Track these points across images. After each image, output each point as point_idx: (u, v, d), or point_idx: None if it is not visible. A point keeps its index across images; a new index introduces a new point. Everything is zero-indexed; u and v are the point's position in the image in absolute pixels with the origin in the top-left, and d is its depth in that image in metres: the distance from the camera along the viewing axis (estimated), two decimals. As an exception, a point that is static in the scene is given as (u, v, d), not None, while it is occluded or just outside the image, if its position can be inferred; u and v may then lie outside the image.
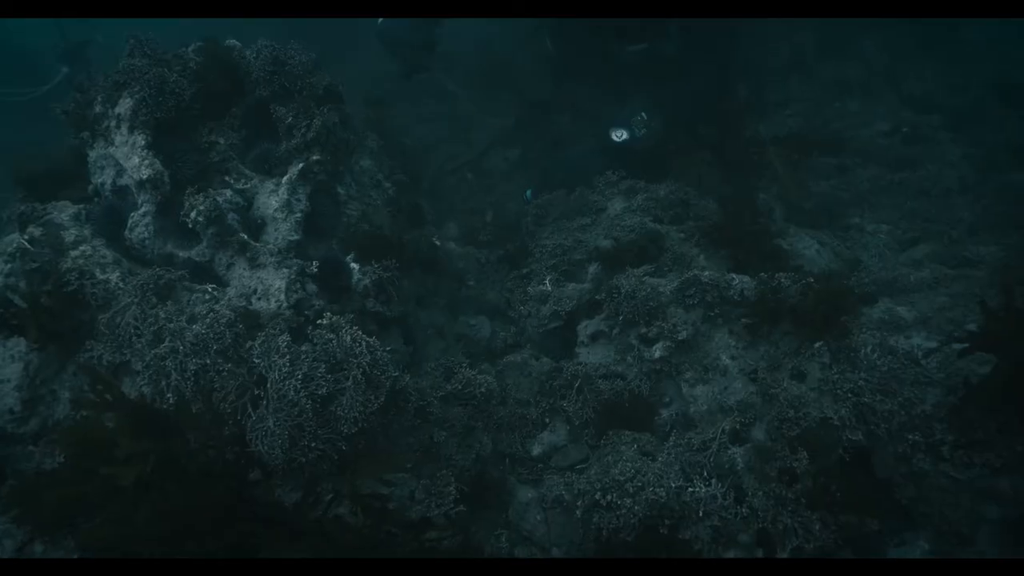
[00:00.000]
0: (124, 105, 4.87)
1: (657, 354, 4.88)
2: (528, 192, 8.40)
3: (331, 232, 5.50)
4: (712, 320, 4.79)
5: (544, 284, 6.15)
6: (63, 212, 4.97)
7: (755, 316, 4.51)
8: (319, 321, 4.19)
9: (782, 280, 4.50)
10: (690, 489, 4.00)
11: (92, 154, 5.14)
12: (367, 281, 5.12)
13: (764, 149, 7.62)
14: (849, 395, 3.88)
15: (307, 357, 3.81)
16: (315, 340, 3.99)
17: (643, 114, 7.81)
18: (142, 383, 3.78)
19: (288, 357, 3.76)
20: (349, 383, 3.84)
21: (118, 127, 4.89)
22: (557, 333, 5.88)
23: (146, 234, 4.79)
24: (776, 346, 4.36)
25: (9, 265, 4.55)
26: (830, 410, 3.89)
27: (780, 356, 4.29)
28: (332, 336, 4.01)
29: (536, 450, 4.97)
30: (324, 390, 3.74)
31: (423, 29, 8.55)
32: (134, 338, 4.05)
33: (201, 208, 4.54)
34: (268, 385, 3.73)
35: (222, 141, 5.20)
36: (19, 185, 5.30)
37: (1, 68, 13.63)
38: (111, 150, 4.93)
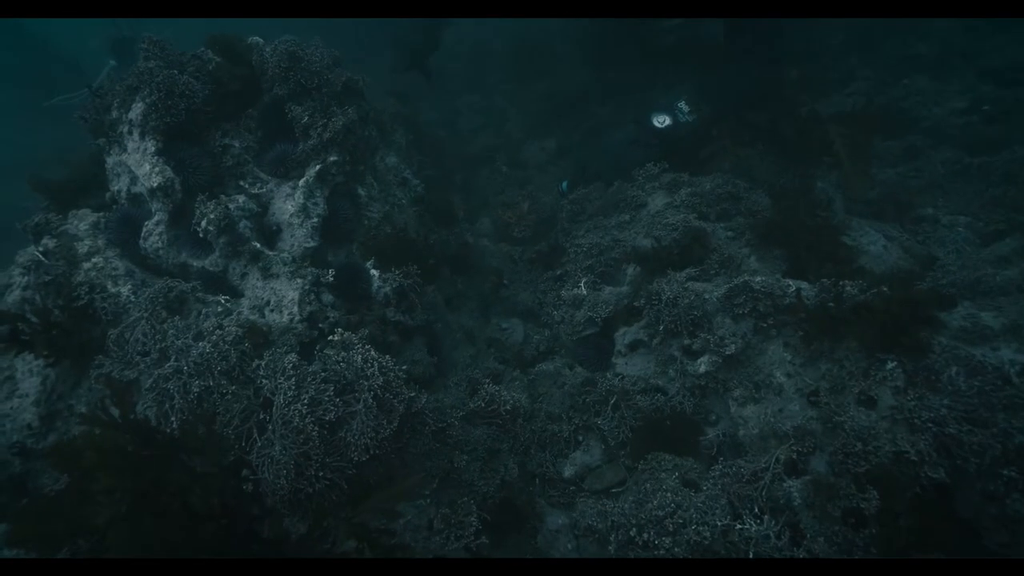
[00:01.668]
0: (136, 110, 4.69)
1: (702, 369, 4.41)
2: (563, 184, 7.99)
3: (351, 236, 5.23)
4: (764, 332, 4.28)
5: (579, 287, 5.74)
6: (83, 221, 4.86)
7: (815, 329, 3.98)
8: (330, 338, 3.92)
9: (847, 287, 3.94)
10: (739, 526, 3.55)
11: (109, 161, 5.01)
12: (387, 289, 4.83)
13: (824, 128, 6.89)
14: (929, 425, 3.33)
15: (314, 379, 3.53)
16: (324, 360, 3.72)
17: (685, 100, 7.24)
18: (146, 405, 3.59)
19: (294, 379, 3.49)
20: (360, 407, 3.55)
21: (130, 133, 4.73)
22: (592, 340, 5.46)
23: (160, 244, 4.62)
24: (840, 365, 3.82)
25: (25, 278, 4.47)
26: (905, 443, 3.35)
27: (844, 377, 3.75)
28: (343, 355, 3.73)
29: (568, 471, 4.59)
30: (332, 415, 3.46)
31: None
32: (140, 356, 3.87)
33: (211, 217, 4.32)
34: (273, 410, 3.47)
35: (237, 144, 4.98)
36: (40, 193, 5.22)
37: (53, 76, 14.02)
38: (124, 157, 4.77)
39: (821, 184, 6.78)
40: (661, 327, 4.71)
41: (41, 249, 4.44)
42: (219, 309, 4.33)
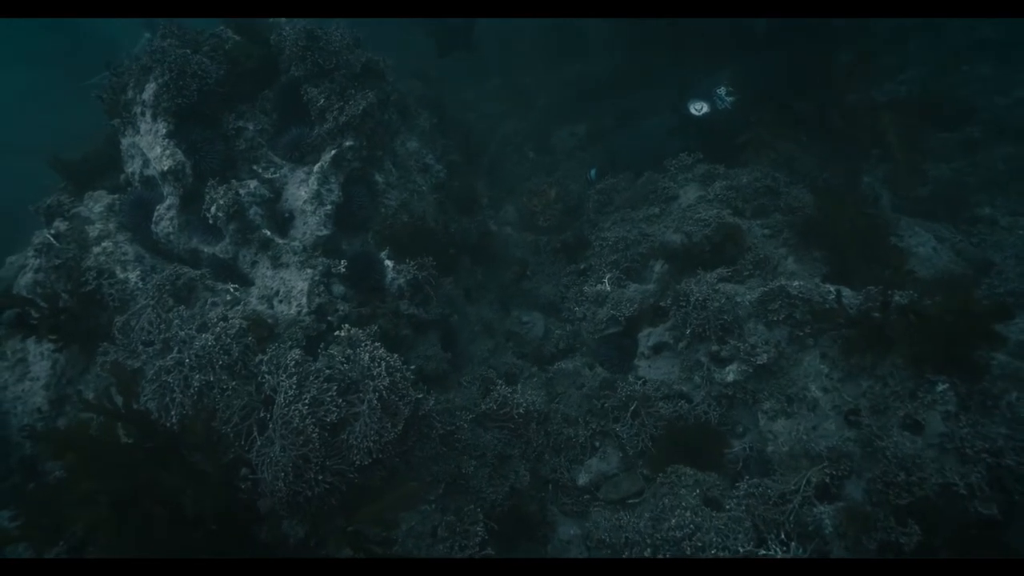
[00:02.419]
0: (149, 90, 4.57)
1: (730, 377, 4.13)
2: (592, 171, 7.67)
3: (366, 224, 5.05)
4: (800, 341, 3.96)
5: (603, 283, 5.47)
6: (98, 203, 4.78)
7: (857, 341, 3.65)
8: (336, 333, 3.76)
9: (897, 297, 3.59)
10: (762, 552, 3.30)
11: (124, 142, 4.92)
12: (402, 281, 4.65)
13: (876, 116, 6.39)
14: (984, 456, 3.00)
15: (317, 377, 3.38)
16: (329, 357, 3.56)
17: (725, 86, 6.82)
18: (146, 398, 3.49)
19: (296, 377, 3.34)
20: (364, 408, 3.39)
21: (143, 114, 4.61)
22: (615, 340, 5.20)
23: (171, 228, 4.51)
24: (883, 382, 3.49)
25: (37, 260, 4.42)
26: (954, 474, 3.03)
27: (888, 396, 3.42)
28: (348, 352, 3.56)
29: (583, 479, 4.37)
30: (334, 416, 3.31)
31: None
32: (143, 346, 3.77)
33: (221, 203, 4.19)
34: (274, 408, 3.33)
35: (251, 127, 4.83)
36: (58, 173, 5.16)
37: (92, 56, 14.11)
38: (136, 139, 4.66)
39: (868, 179, 6.34)
40: (688, 330, 4.43)
41: (52, 232, 4.38)
42: (227, 298, 4.21)
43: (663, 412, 4.34)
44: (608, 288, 5.38)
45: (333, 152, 4.77)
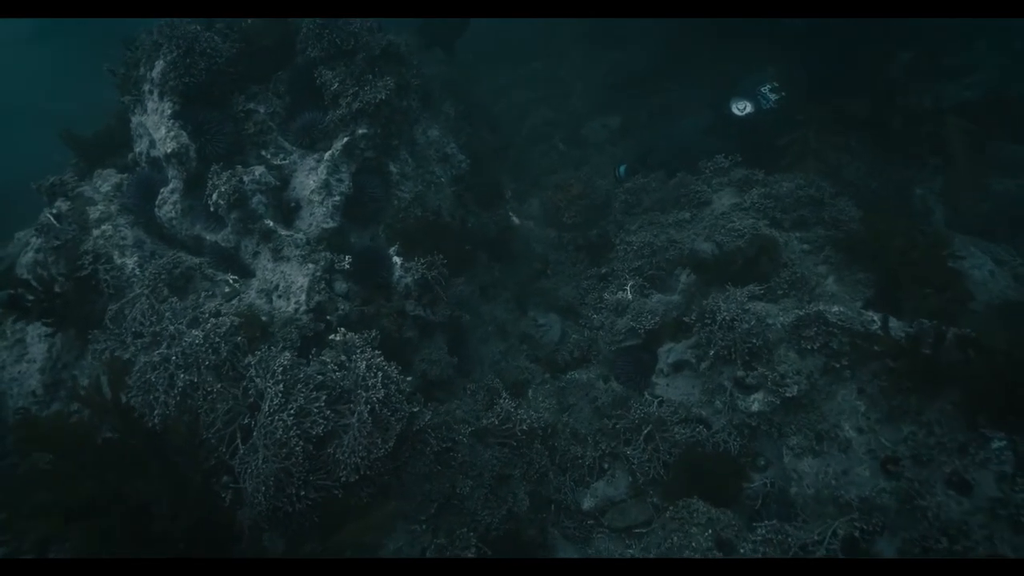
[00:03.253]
0: (157, 68, 4.38)
1: (755, 407, 3.79)
2: (621, 168, 7.27)
3: (378, 217, 4.81)
4: (836, 373, 3.59)
5: (624, 291, 5.14)
6: (105, 182, 4.65)
7: (901, 379, 3.27)
8: (331, 337, 3.54)
9: (954, 334, 3.19)
10: (779, 609, 2.99)
11: (133, 120, 4.76)
12: (409, 279, 4.40)
13: (940, 121, 5.84)
14: (1042, 528, 2.64)
15: (306, 385, 3.16)
16: (321, 363, 3.34)
17: (775, 83, 6.34)
18: (131, 394, 3.33)
19: (283, 384, 3.13)
20: (354, 420, 3.17)
21: (151, 93, 4.43)
22: (632, 352, 4.88)
23: (174, 213, 4.34)
24: (928, 430, 3.12)
25: (39, 240, 4.30)
26: (1005, 545, 2.67)
27: (933, 447, 3.05)
28: (342, 359, 3.34)
29: (588, 502, 4.11)
30: (320, 429, 3.09)
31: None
32: (133, 337, 3.60)
33: (222, 190, 3.98)
34: (259, 416, 3.14)
35: (262, 109, 4.61)
36: (70, 148, 5.05)
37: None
38: (144, 118, 4.49)
39: (920, 190, 5.85)
40: (712, 351, 4.09)
41: (54, 211, 4.25)
42: (226, 289, 4.04)
43: (679, 437, 4.04)
44: (630, 296, 5.05)
45: (345, 140, 4.53)
